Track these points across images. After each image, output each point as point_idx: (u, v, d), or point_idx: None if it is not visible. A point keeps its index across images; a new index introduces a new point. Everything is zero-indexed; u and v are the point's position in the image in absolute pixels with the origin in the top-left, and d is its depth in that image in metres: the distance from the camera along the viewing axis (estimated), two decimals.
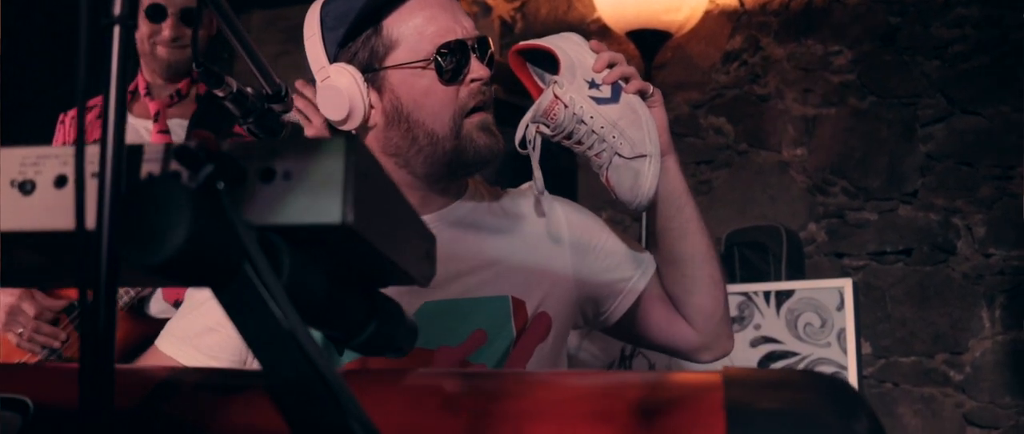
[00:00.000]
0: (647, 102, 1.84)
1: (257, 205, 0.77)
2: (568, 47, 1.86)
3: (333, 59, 1.79)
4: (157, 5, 2.95)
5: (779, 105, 4.41)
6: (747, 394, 0.83)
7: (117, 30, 0.75)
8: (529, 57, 1.92)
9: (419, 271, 0.96)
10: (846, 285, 3.39)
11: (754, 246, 3.89)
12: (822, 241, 4.29)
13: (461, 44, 1.78)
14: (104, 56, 0.75)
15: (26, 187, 0.83)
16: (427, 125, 1.77)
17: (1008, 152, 4.01)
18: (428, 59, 1.76)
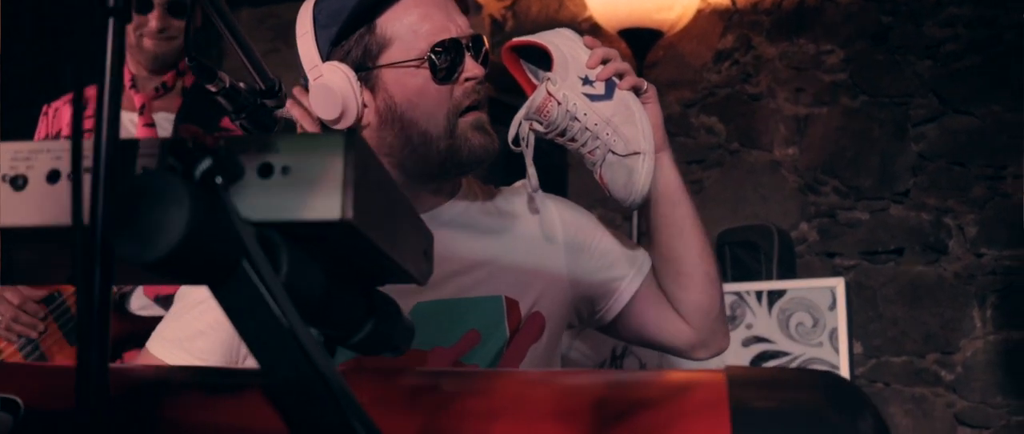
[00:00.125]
0: (641, 99, 1.83)
1: (254, 201, 0.75)
2: (562, 43, 1.85)
3: (326, 57, 1.77)
4: None
5: (771, 104, 4.40)
6: (751, 393, 0.82)
7: (111, 22, 0.74)
8: (522, 53, 1.91)
9: (417, 269, 0.95)
10: (838, 285, 3.39)
11: (745, 245, 3.89)
12: (813, 240, 4.29)
13: (455, 42, 1.76)
14: (98, 49, 0.74)
15: (17, 182, 0.82)
16: (421, 125, 1.76)
17: (1000, 152, 4.01)
18: (422, 58, 1.74)
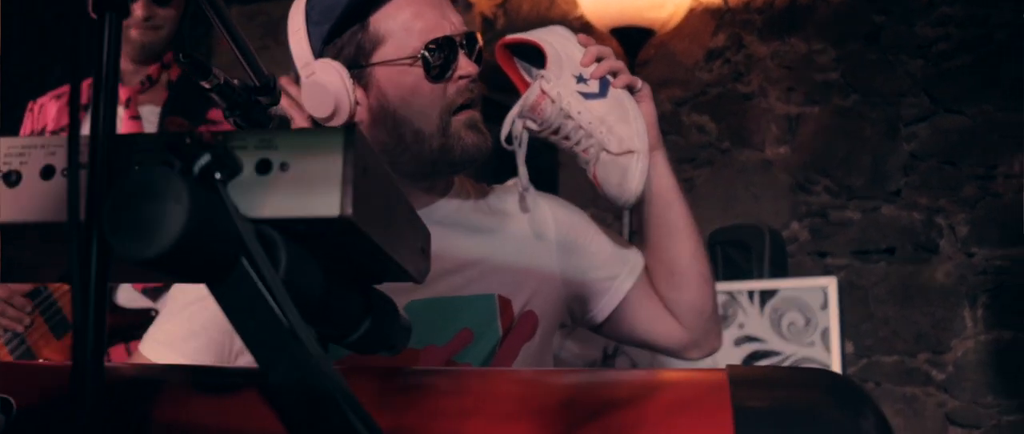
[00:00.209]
0: (635, 97, 1.82)
1: (252, 198, 0.74)
2: (555, 41, 1.84)
3: (318, 54, 1.75)
4: None
5: (762, 103, 4.40)
6: (754, 393, 0.81)
7: (109, 17, 0.73)
8: (516, 51, 1.90)
9: (415, 267, 0.94)
10: (830, 284, 3.40)
11: (736, 245, 3.89)
12: (805, 240, 4.28)
13: (449, 40, 1.75)
14: (95, 42, 0.72)
15: (11, 178, 0.81)
16: (414, 123, 1.74)
17: (991, 151, 4.01)
18: (415, 56, 1.73)
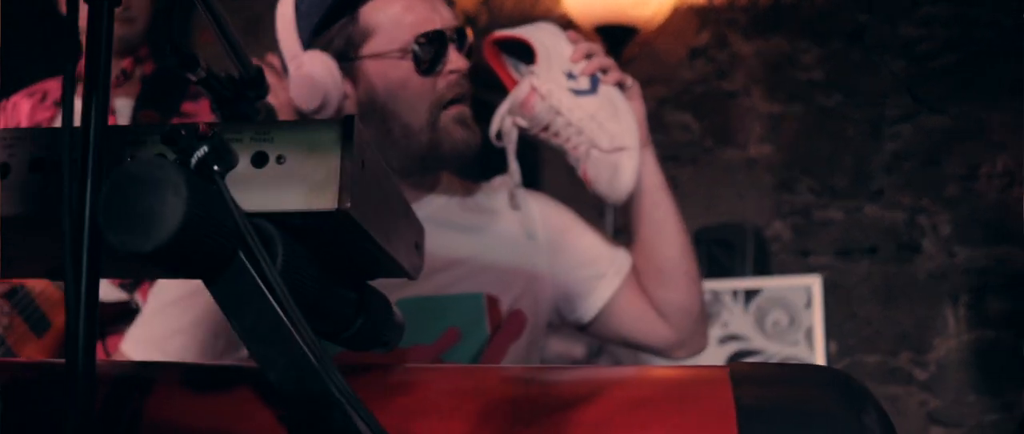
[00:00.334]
0: (625, 94, 1.81)
1: (249, 190, 0.73)
2: (545, 37, 1.83)
3: (307, 46, 1.74)
4: None
5: (746, 102, 4.40)
6: (757, 390, 0.80)
7: (104, 8, 0.71)
8: (504, 48, 1.89)
9: (410, 262, 0.93)
10: (815, 283, 3.40)
11: (720, 243, 3.90)
12: (788, 239, 4.28)
13: (439, 34, 1.74)
14: (91, 34, 0.71)
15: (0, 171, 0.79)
16: (402, 117, 1.73)
17: (974, 151, 4.03)
18: (405, 49, 1.71)
